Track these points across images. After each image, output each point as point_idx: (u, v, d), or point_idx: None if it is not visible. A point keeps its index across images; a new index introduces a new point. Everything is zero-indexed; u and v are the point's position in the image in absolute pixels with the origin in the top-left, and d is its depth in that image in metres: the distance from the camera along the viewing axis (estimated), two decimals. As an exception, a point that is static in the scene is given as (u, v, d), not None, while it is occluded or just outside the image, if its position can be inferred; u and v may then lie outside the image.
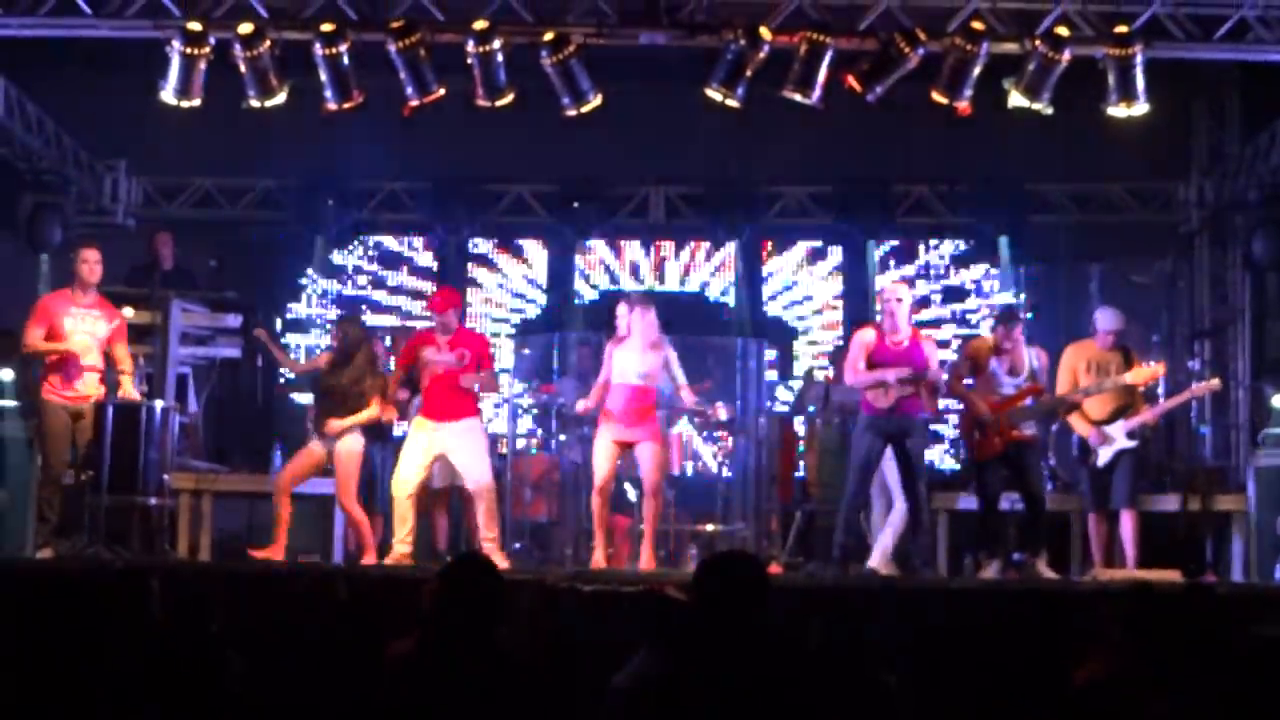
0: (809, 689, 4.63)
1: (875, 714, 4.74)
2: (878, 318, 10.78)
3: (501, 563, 9.81)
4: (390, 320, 14.97)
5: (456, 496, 11.09)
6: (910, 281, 14.36)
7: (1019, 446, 10.24)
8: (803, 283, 15.38)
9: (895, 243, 15.16)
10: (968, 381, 10.46)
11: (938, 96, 10.56)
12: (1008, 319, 10.53)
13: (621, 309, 10.43)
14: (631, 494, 11.36)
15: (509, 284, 15.45)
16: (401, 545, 10.03)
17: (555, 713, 4.63)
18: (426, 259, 15.38)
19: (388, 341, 12.83)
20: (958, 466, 13.28)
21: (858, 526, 10.58)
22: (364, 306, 14.91)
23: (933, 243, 15.13)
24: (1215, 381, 11.63)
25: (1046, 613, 7.88)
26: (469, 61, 10.47)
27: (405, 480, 10.12)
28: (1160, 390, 12.03)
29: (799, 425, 12.75)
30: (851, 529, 10.29)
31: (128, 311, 11.01)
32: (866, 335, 10.31)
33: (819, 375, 13.56)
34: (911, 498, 10.16)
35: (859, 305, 14.89)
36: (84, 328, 10.19)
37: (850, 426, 10.78)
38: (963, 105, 10.57)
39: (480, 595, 4.66)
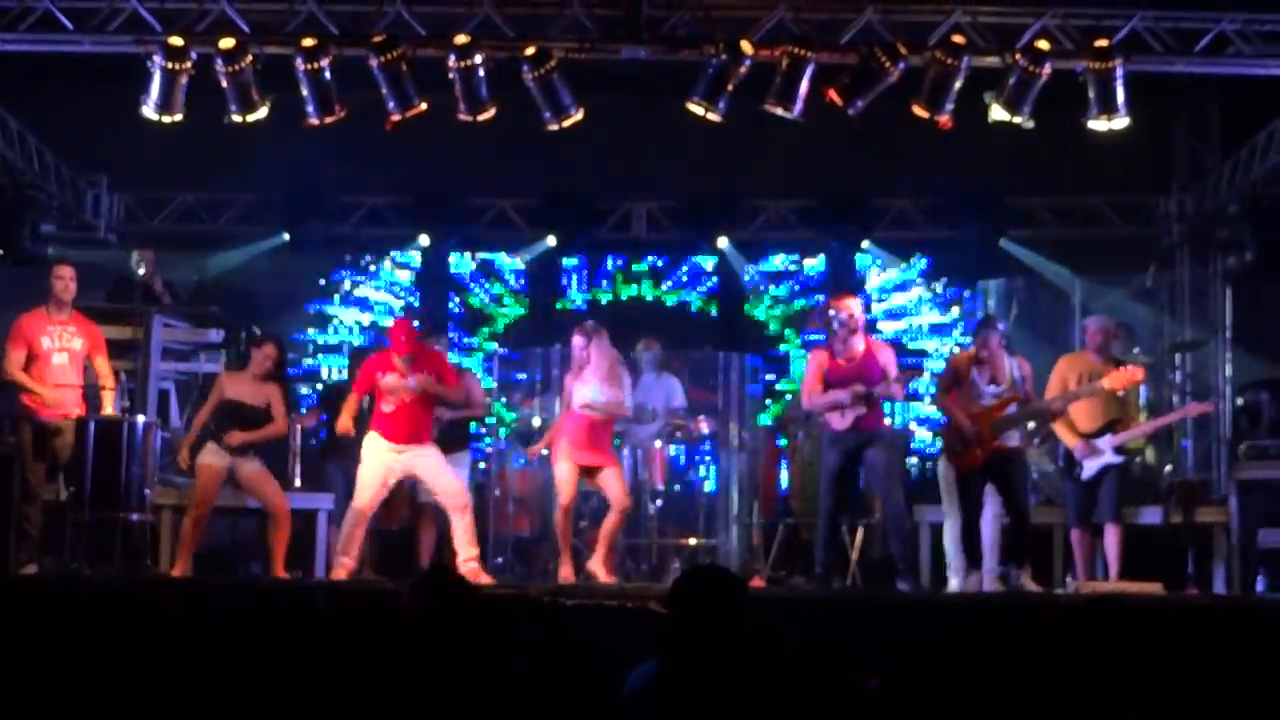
0: (788, 702, 4.63)
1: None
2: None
3: (484, 581, 9.82)
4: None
5: (445, 514, 11.12)
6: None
7: (1002, 457, 10.23)
8: (784, 296, 15.41)
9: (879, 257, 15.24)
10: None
11: (919, 110, 10.58)
12: (984, 328, 10.52)
13: (577, 340, 10.45)
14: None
15: (490, 299, 15.45)
16: (349, 561, 10.03)
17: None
18: (408, 274, 15.43)
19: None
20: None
21: (839, 540, 10.59)
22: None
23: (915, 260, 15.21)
24: (1209, 405, 11.67)
25: (1029, 624, 7.88)
26: (450, 76, 10.48)
27: (369, 503, 10.16)
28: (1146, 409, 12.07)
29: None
30: (831, 543, 10.28)
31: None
32: (819, 357, 10.30)
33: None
34: (888, 508, 10.17)
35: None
36: (61, 345, 10.19)
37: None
38: (944, 119, 10.58)
39: (452, 609, 4.65)
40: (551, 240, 14.87)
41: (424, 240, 14.95)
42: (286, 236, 14.59)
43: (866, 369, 10.06)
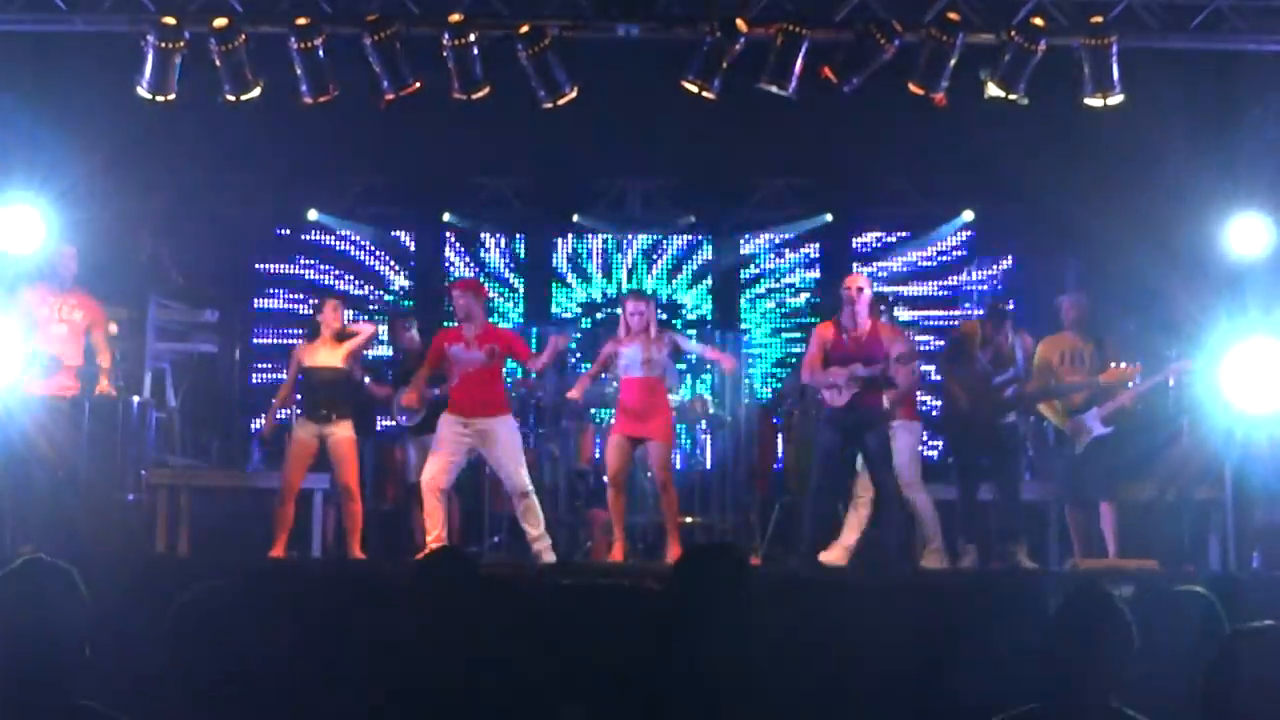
0: (785, 679, 4.64)
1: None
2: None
3: (547, 559, 9.79)
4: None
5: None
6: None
7: (998, 436, 10.24)
8: (780, 274, 15.42)
9: (877, 234, 15.27)
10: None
11: (914, 88, 10.57)
12: (997, 316, 10.51)
13: (638, 304, 10.40)
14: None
15: (486, 277, 15.45)
16: (435, 543, 9.84)
17: (533, 707, 4.63)
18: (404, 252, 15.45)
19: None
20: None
21: (827, 519, 10.49)
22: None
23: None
24: (1188, 362, 11.64)
25: (1026, 602, 7.88)
26: (445, 55, 10.45)
27: (435, 477, 10.04)
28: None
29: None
30: (819, 521, 10.18)
31: (112, 328, 10.87)
32: (824, 331, 10.21)
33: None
34: (879, 491, 10.12)
35: (837, 296, 14.91)
36: (62, 316, 10.17)
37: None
38: (939, 96, 10.57)
39: (457, 588, 4.66)
40: (550, 237, 14.89)
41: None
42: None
43: (869, 349, 9.98)
